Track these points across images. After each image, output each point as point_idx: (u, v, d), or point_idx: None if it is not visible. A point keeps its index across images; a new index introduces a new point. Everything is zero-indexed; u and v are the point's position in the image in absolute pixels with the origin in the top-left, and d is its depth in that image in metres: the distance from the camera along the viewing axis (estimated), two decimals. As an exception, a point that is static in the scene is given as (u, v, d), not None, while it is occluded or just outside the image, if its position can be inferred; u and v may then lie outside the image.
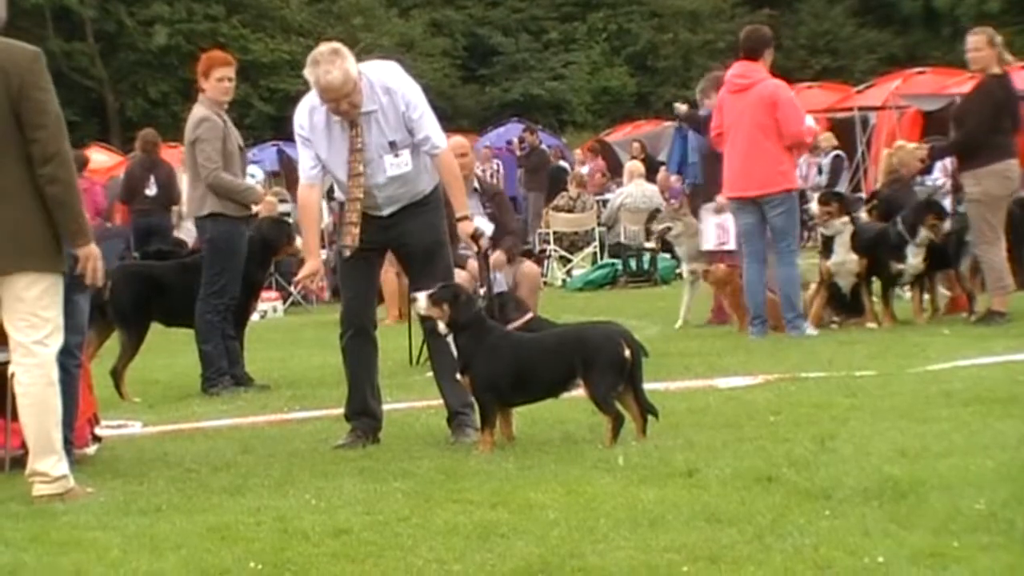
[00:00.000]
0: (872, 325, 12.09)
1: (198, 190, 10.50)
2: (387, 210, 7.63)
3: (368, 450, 7.37)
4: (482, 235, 8.06)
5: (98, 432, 7.80)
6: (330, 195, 17.05)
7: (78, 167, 20.13)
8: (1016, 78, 13.03)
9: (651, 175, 22.51)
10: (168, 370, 11.71)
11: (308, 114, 7.54)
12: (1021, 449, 6.26)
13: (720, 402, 8.21)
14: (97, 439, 7.74)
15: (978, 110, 11.75)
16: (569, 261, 22.23)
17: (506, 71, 50.66)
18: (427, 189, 7.69)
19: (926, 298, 12.64)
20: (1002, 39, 12.00)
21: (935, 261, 12.28)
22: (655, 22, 51.59)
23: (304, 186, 7.70)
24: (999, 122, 11.73)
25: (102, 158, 29.25)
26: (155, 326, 10.93)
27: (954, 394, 7.89)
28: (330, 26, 45.00)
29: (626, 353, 7.02)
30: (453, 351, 7.27)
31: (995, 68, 11.84)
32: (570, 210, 22.67)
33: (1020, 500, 5.26)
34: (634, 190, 21.14)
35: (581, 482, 6.11)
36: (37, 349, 6.33)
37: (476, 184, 11.38)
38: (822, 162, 23.55)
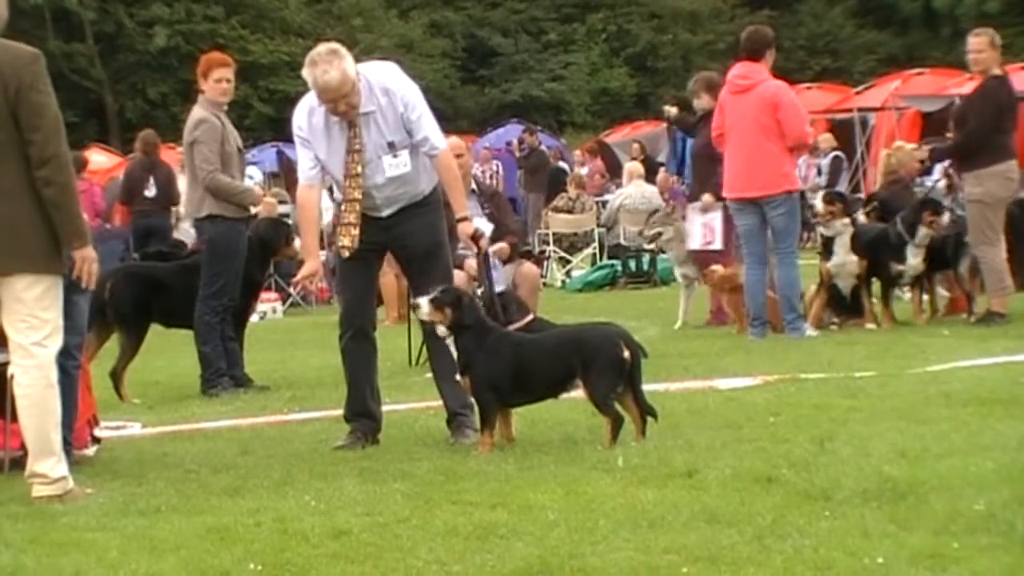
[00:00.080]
0: (871, 326, 12.09)
1: (197, 191, 10.50)
2: (386, 211, 7.63)
3: (367, 451, 7.37)
4: (482, 236, 8.06)
5: (97, 433, 7.79)
6: (332, 193, 17.02)
7: (77, 169, 20.18)
8: (1016, 79, 13.06)
9: (651, 176, 22.50)
10: (167, 371, 11.70)
11: (307, 115, 7.54)
12: (1021, 450, 6.26)
13: (720, 403, 8.21)
14: (96, 440, 7.74)
15: (979, 111, 11.75)
16: (568, 262, 22.22)
17: (505, 72, 50.66)
18: (426, 190, 7.68)
19: (925, 299, 12.64)
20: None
21: (934, 262, 12.28)
22: (655, 23, 51.60)
23: (303, 187, 7.70)
24: (1000, 123, 11.74)
25: (101, 159, 29.24)
26: (154, 327, 10.94)
27: (954, 395, 7.89)
28: (329, 27, 45.00)
29: (625, 354, 7.02)
30: (453, 353, 7.27)
31: (996, 70, 11.86)
32: (569, 211, 22.67)
33: (1020, 501, 5.26)
34: (633, 191, 21.13)
35: (581, 483, 6.11)
36: (36, 350, 6.33)
37: (474, 185, 11.37)
38: (821, 163, 23.58)
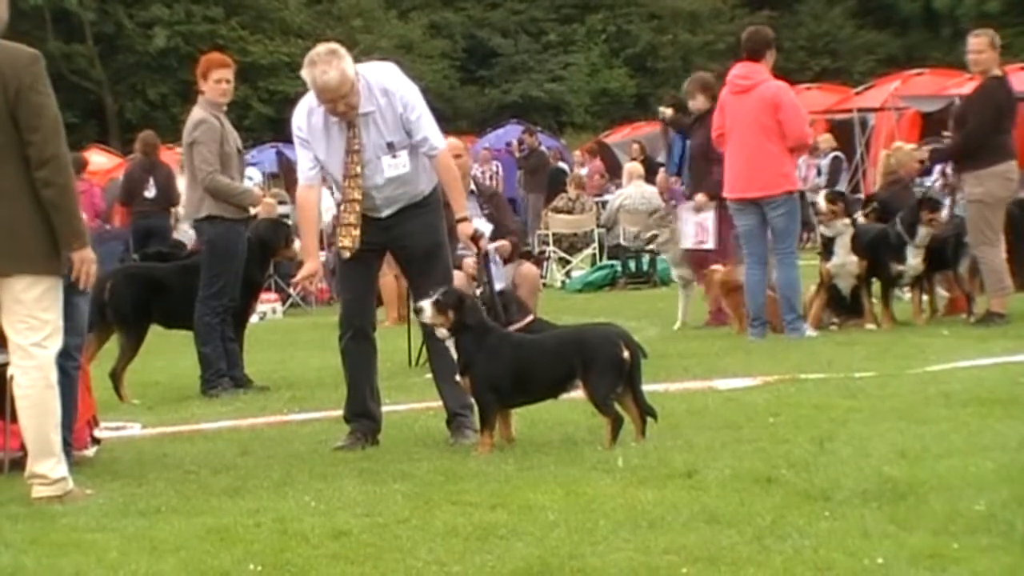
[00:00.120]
0: (871, 326, 12.09)
1: (196, 192, 10.49)
2: (386, 211, 7.63)
3: (367, 452, 7.37)
4: (481, 236, 8.06)
5: (97, 434, 7.79)
6: (333, 193, 17.00)
7: (77, 170, 20.22)
8: (1015, 79, 13.06)
9: (650, 176, 22.49)
10: (167, 372, 11.70)
11: (306, 115, 7.54)
12: (1021, 450, 6.26)
13: (719, 403, 8.20)
14: (96, 441, 7.74)
15: (979, 111, 11.75)
16: (568, 262, 22.22)
17: (505, 73, 50.65)
18: (426, 190, 7.68)
19: (925, 299, 12.64)
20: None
21: (934, 262, 12.28)
22: (654, 23, 51.60)
23: (303, 187, 7.70)
24: (1000, 123, 11.75)
25: (101, 160, 29.24)
26: (154, 328, 10.93)
27: (953, 395, 7.89)
28: (329, 28, 44.99)
29: (625, 354, 7.02)
30: (452, 354, 7.27)
31: (996, 70, 11.87)
32: (569, 211, 22.67)
33: (1020, 501, 5.26)
34: (633, 191, 21.13)
35: (580, 483, 6.11)
36: (36, 351, 6.32)
37: (472, 186, 11.37)
38: (821, 163, 23.58)
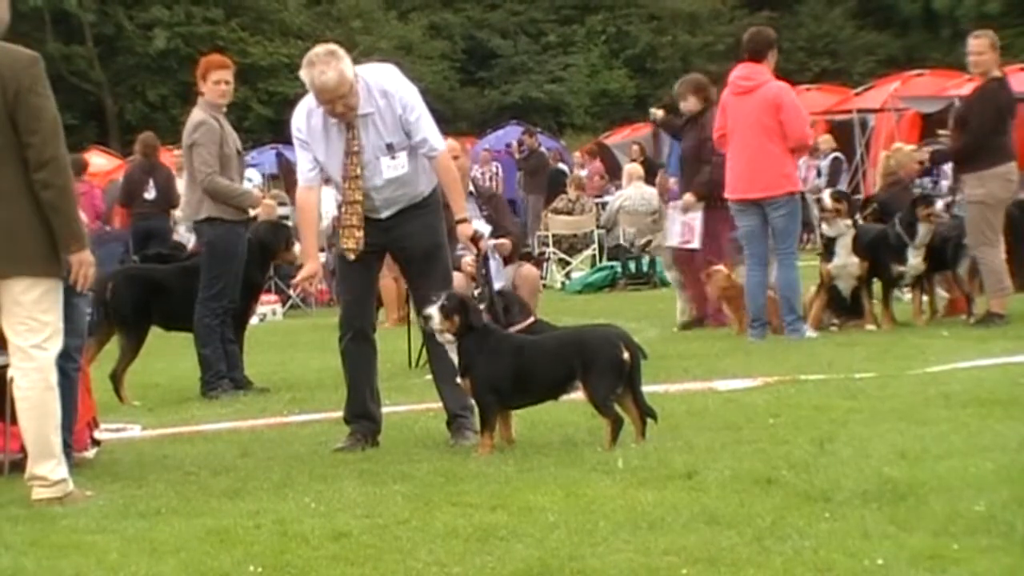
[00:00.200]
0: (871, 327, 12.09)
1: (196, 194, 10.49)
2: (385, 212, 7.63)
3: (367, 453, 7.37)
4: (481, 237, 8.06)
5: (97, 436, 7.79)
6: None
7: (77, 171, 20.21)
8: (1015, 80, 13.07)
9: (650, 177, 22.50)
10: (167, 373, 11.70)
11: (306, 117, 7.54)
12: (1021, 451, 6.26)
13: (719, 404, 8.20)
14: (96, 443, 7.74)
15: (980, 113, 11.76)
16: (568, 264, 22.22)
17: (505, 74, 50.66)
18: (425, 191, 7.68)
19: (925, 300, 12.63)
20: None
21: (934, 263, 12.28)
22: (654, 24, 51.59)
23: (302, 188, 7.69)
24: (1002, 125, 11.77)
25: (101, 161, 29.24)
26: (154, 329, 10.93)
27: (953, 396, 7.89)
28: (329, 29, 44.98)
29: (624, 355, 7.02)
30: (452, 357, 7.26)
31: (996, 71, 11.88)
32: (569, 212, 22.67)
33: (1020, 502, 5.26)
34: (633, 192, 21.14)
35: (580, 485, 6.11)
36: (36, 353, 6.32)
37: (471, 187, 11.37)
38: (821, 164, 23.58)
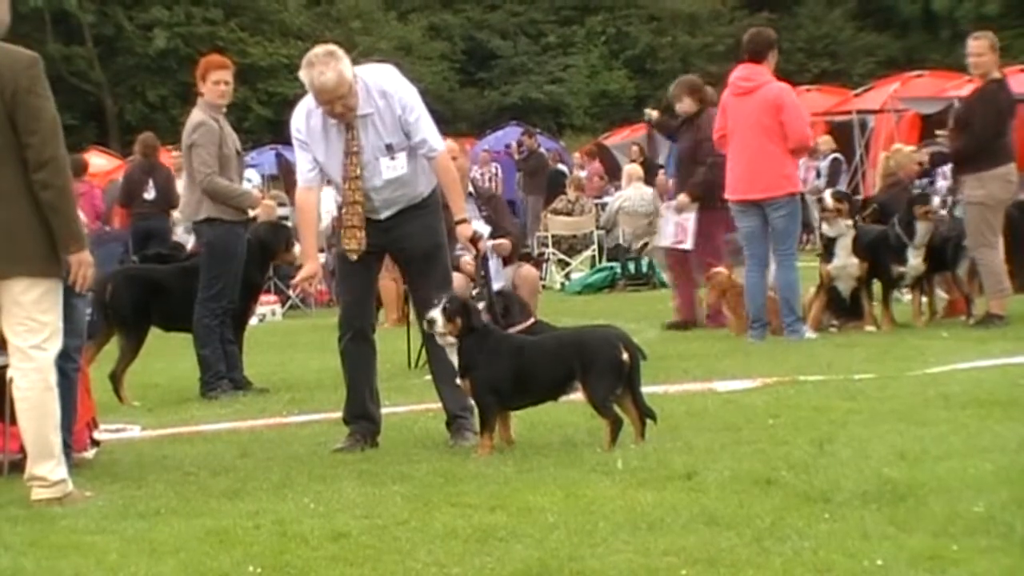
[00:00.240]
0: (871, 328, 12.09)
1: (195, 194, 10.49)
2: (384, 213, 7.62)
3: (367, 454, 7.37)
4: (480, 238, 8.06)
5: (96, 436, 7.79)
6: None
7: (78, 172, 20.17)
8: (1014, 81, 13.07)
9: (650, 178, 22.51)
10: (167, 374, 11.70)
11: (305, 117, 7.54)
12: (1020, 452, 6.26)
13: (719, 405, 8.20)
14: (96, 443, 7.73)
15: (982, 114, 11.77)
16: (568, 264, 22.22)
17: (505, 75, 50.67)
18: (425, 192, 7.68)
19: (924, 301, 12.63)
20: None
21: (933, 264, 12.28)
22: (653, 25, 51.60)
23: (302, 189, 7.69)
24: (1002, 126, 11.78)
25: (101, 162, 29.24)
26: (154, 330, 10.93)
27: (952, 397, 7.89)
28: (328, 29, 44.99)
29: (624, 356, 7.02)
30: (452, 358, 7.25)
31: (995, 73, 11.89)
32: (569, 213, 22.66)
33: (1019, 503, 5.26)
34: (633, 193, 21.14)
35: (580, 485, 6.11)
36: (35, 353, 6.32)
37: (471, 188, 11.37)
38: (820, 165, 23.57)
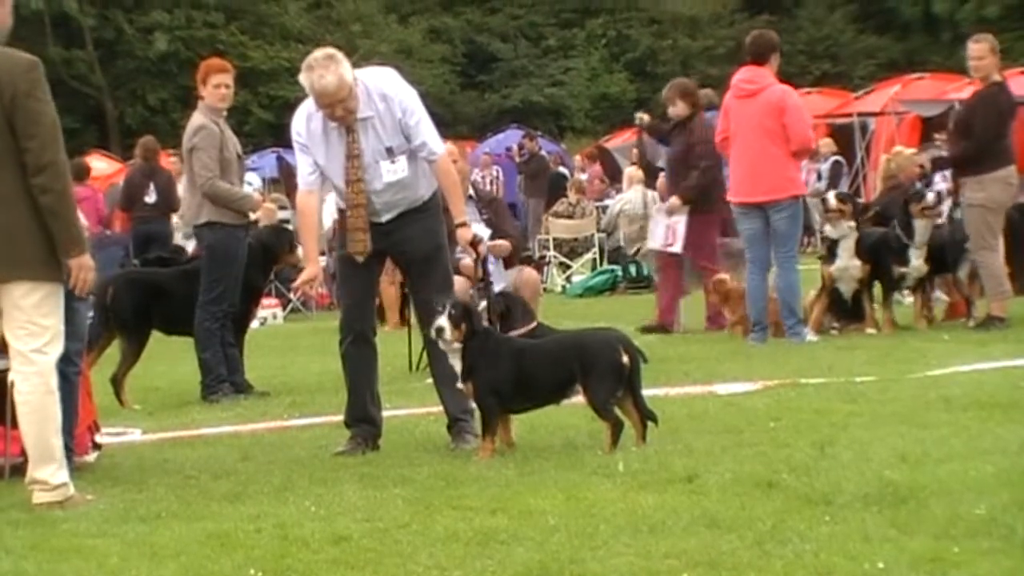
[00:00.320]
0: (872, 331, 12.08)
1: (196, 198, 10.49)
2: (385, 216, 7.62)
3: (368, 457, 7.37)
4: (480, 241, 8.06)
5: (98, 439, 7.79)
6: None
7: (80, 176, 20.16)
8: (1014, 83, 13.08)
9: (651, 181, 22.47)
10: (168, 377, 11.69)
11: (305, 121, 7.54)
12: (1021, 454, 6.26)
13: (720, 408, 8.20)
14: (97, 446, 7.73)
15: (983, 117, 11.77)
16: (569, 267, 22.22)
17: (505, 77, 50.68)
18: (425, 195, 7.68)
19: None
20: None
21: (934, 266, 12.28)
22: (654, 28, 51.62)
23: (303, 192, 7.69)
24: (1003, 128, 11.79)
25: (101, 165, 29.22)
26: (155, 333, 10.92)
27: (954, 399, 7.89)
28: (329, 33, 45.00)
29: (624, 359, 7.02)
30: (455, 363, 7.23)
31: (996, 75, 11.89)
32: (570, 216, 22.65)
33: (1020, 505, 5.26)
34: (634, 196, 21.13)
35: (581, 488, 6.11)
36: (36, 357, 6.32)
37: (471, 191, 11.37)
38: (821, 168, 23.57)
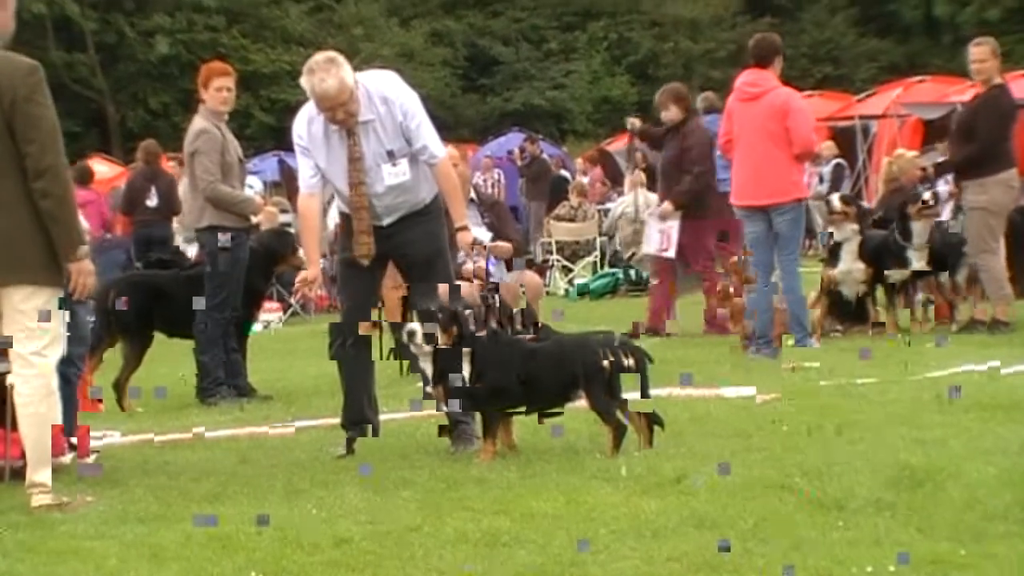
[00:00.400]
0: (891, 333, 12.04)
1: (197, 201, 10.48)
2: (386, 219, 7.61)
3: (369, 459, 7.34)
4: (481, 244, 8.05)
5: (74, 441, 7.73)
6: (329, 203, 17.00)
7: (84, 180, 20.14)
8: (1015, 86, 13.07)
9: (652, 184, 22.44)
10: (169, 379, 11.67)
11: (306, 124, 7.53)
12: (1023, 455, 6.26)
13: (721, 411, 8.19)
14: (73, 448, 7.66)
15: (986, 120, 11.76)
16: (571, 270, 22.21)
17: (507, 81, 50.70)
18: (427, 198, 7.67)
19: (922, 305, 12.61)
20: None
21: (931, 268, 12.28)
22: (655, 31, 51.62)
23: (304, 195, 7.69)
24: (1004, 131, 11.79)
25: (103, 169, 29.25)
26: (156, 336, 10.91)
27: (955, 401, 7.87)
28: (330, 36, 45.02)
29: (627, 362, 7.01)
30: (426, 368, 7.21)
31: (997, 78, 11.89)
32: (571, 219, 22.64)
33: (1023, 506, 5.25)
34: (636, 199, 21.11)
35: (583, 491, 6.10)
36: (36, 360, 6.32)
37: (473, 195, 11.35)
38: (823, 171, 23.55)
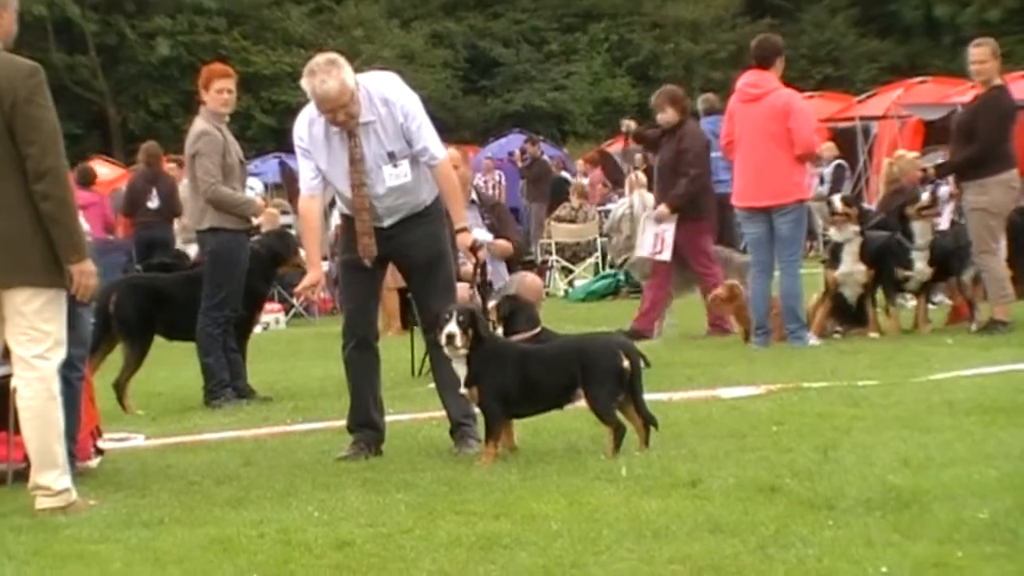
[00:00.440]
0: (875, 335, 12.08)
1: (198, 203, 10.49)
2: (387, 221, 7.62)
3: (370, 462, 7.36)
4: (481, 246, 8.06)
5: (100, 445, 7.79)
6: (331, 206, 17.01)
7: (87, 182, 20.19)
8: (1015, 87, 13.09)
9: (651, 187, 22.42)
10: (170, 382, 11.69)
11: (307, 126, 7.54)
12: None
13: (723, 412, 8.20)
14: (100, 452, 7.73)
15: (986, 120, 11.76)
16: (571, 272, 22.21)
17: (507, 82, 50.67)
18: (428, 200, 7.68)
19: (929, 307, 12.62)
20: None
21: (937, 270, 12.27)
22: (656, 32, 51.58)
23: (305, 197, 7.70)
24: (1005, 132, 11.80)
25: (104, 171, 29.20)
26: (157, 338, 10.92)
27: (957, 404, 7.88)
28: (331, 38, 45.01)
29: (625, 364, 7.02)
30: (460, 369, 7.22)
31: (997, 79, 11.90)
32: (572, 221, 22.65)
33: (1023, 509, 5.25)
34: (636, 201, 21.09)
35: (584, 493, 6.10)
36: (38, 363, 6.32)
37: (474, 196, 11.36)
38: (824, 172, 23.56)
